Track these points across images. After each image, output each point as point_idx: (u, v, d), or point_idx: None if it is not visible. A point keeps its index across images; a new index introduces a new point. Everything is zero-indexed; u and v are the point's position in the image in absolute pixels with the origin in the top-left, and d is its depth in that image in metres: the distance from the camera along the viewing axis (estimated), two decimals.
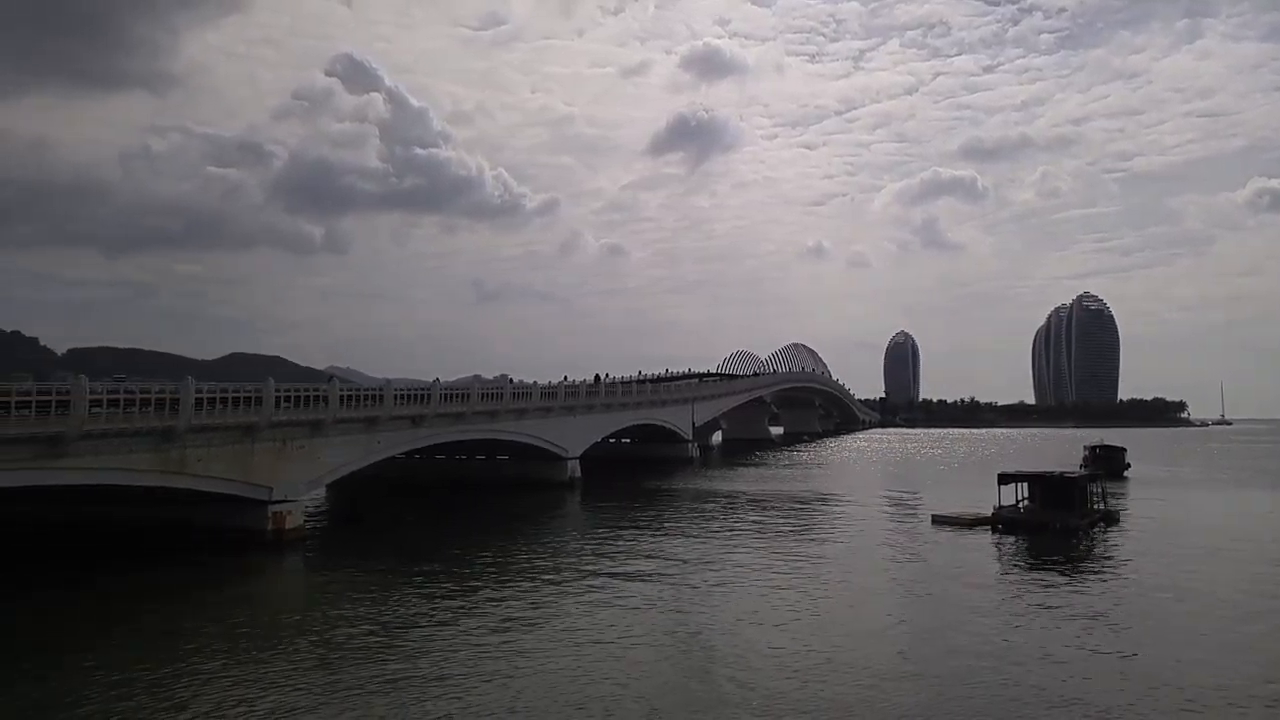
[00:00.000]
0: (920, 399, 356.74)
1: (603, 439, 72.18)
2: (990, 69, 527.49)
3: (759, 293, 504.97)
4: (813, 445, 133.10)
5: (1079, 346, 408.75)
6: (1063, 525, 39.06)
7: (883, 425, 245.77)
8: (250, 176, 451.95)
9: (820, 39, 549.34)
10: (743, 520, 45.54)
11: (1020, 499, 42.57)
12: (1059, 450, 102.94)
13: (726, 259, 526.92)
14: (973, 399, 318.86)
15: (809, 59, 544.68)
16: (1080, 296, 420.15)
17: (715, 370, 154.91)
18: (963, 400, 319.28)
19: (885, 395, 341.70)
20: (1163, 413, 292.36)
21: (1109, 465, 69.89)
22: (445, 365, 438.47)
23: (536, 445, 60.37)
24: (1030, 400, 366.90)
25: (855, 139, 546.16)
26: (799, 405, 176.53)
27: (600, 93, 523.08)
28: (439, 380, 52.32)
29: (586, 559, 33.87)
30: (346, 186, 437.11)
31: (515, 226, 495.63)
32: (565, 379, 71.08)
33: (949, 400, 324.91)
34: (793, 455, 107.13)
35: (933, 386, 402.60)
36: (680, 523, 44.58)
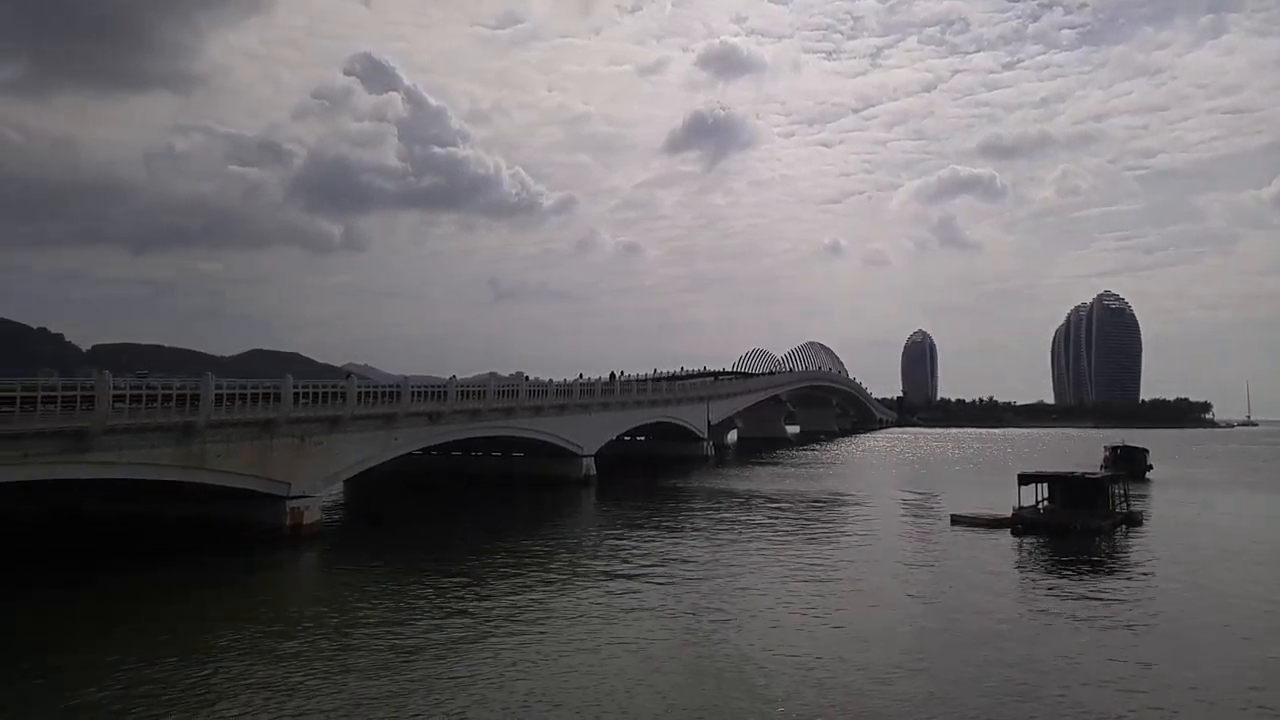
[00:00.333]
0: (938, 398, 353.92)
1: (618, 437, 72.16)
2: (1010, 66, 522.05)
3: (775, 291, 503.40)
4: (829, 444, 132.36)
5: (1099, 346, 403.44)
6: (1084, 527, 38.56)
7: (900, 424, 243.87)
8: (270, 175, 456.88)
9: (838, 36, 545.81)
10: (759, 520, 45.34)
11: (1040, 500, 42.09)
12: (1079, 451, 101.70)
13: (743, 257, 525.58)
14: (991, 398, 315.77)
15: (826, 56, 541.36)
16: (1101, 295, 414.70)
17: (731, 368, 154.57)
18: (981, 400, 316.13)
19: (903, 394, 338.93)
20: (1186, 414, 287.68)
21: (1130, 466, 68.87)
22: (462, 363, 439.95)
23: (552, 443, 60.46)
24: (1049, 400, 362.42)
25: (873, 137, 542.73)
26: (815, 404, 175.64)
27: (617, 91, 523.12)
28: (455, 378, 52.55)
29: (602, 556, 33.85)
30: (365, 185, 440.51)
31: (532, 225, 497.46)
32: (580, 377, 71.22)
33: (967, 400, 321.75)
34: (809, 454, 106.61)
35: (950, 386, 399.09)
36: (695, 521, 44.48)
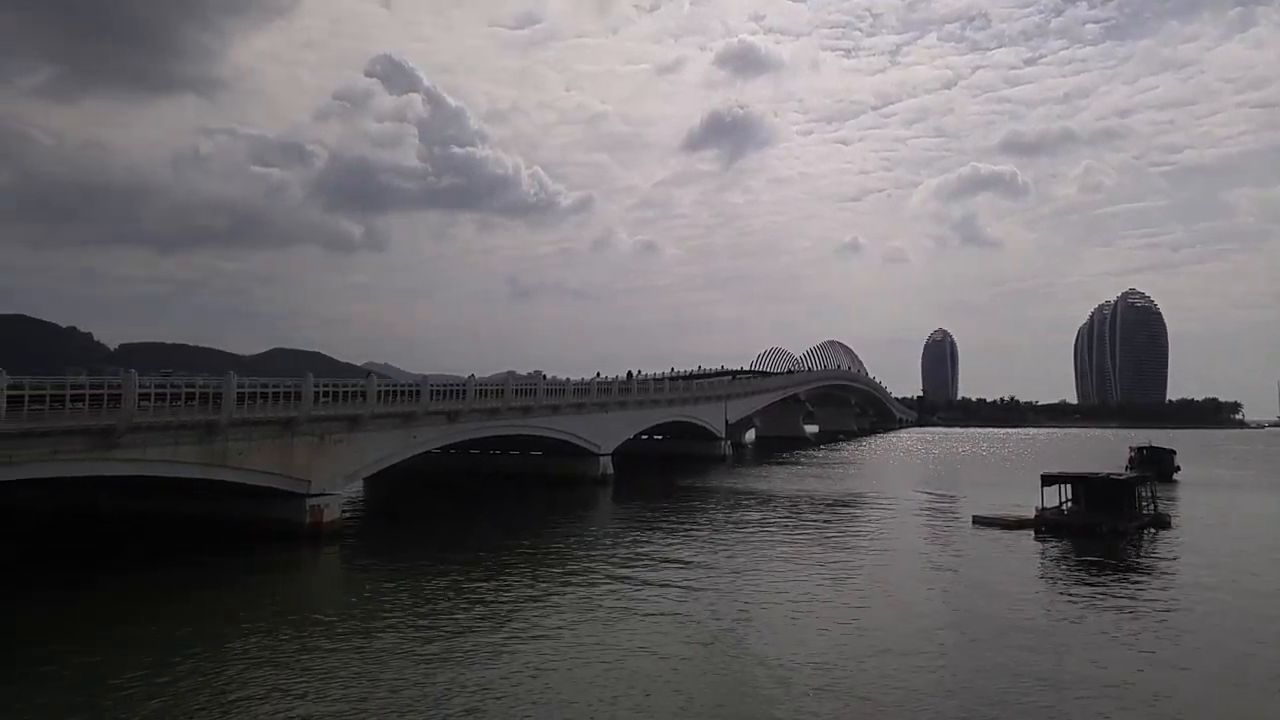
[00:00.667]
0: (959, 397, 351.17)
1: (635, 436, 72.09)
2: (1031, 61, 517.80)
3: (794, 289, 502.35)
4: (848, 444, 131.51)
5: (1124, 344, 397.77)
6: (1110, 528, 37.93)
7: (920, 424, 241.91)
8: (292, 176, 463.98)
9: (856, 34, 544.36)
10: (777, 520, 45.08)
11: (1064, 501, 41.47)
12: (1103, 451, 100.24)
13: (761, 255, 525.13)
14: (1012, 398, 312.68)
15: (844, 54, 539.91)
16: (1125, 293, 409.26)
17: (749, 367, 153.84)
18: (1002, 399, 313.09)
19: (923, 394, 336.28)
20: (1214, 414, 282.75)
21: (1157, 468, 67.62)
22: (480, 361, 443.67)
23: (569, 441, 60.51)
24: (1072, 400, 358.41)
25: (892, 134, 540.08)
26: (834, 403, 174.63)
27: (635, 90, 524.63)
28: (474, 376, 52.73)
29: (619, 556, 33.78)
30: (385, 185, 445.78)
31: (550, 224, 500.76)
32: (598, 375, 71.19)
33: (988, 399, 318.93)
34: (828, 454, 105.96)
35: (971, 385, 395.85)
36: (714, 521, 44.31)
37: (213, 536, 34.14)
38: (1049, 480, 41.61)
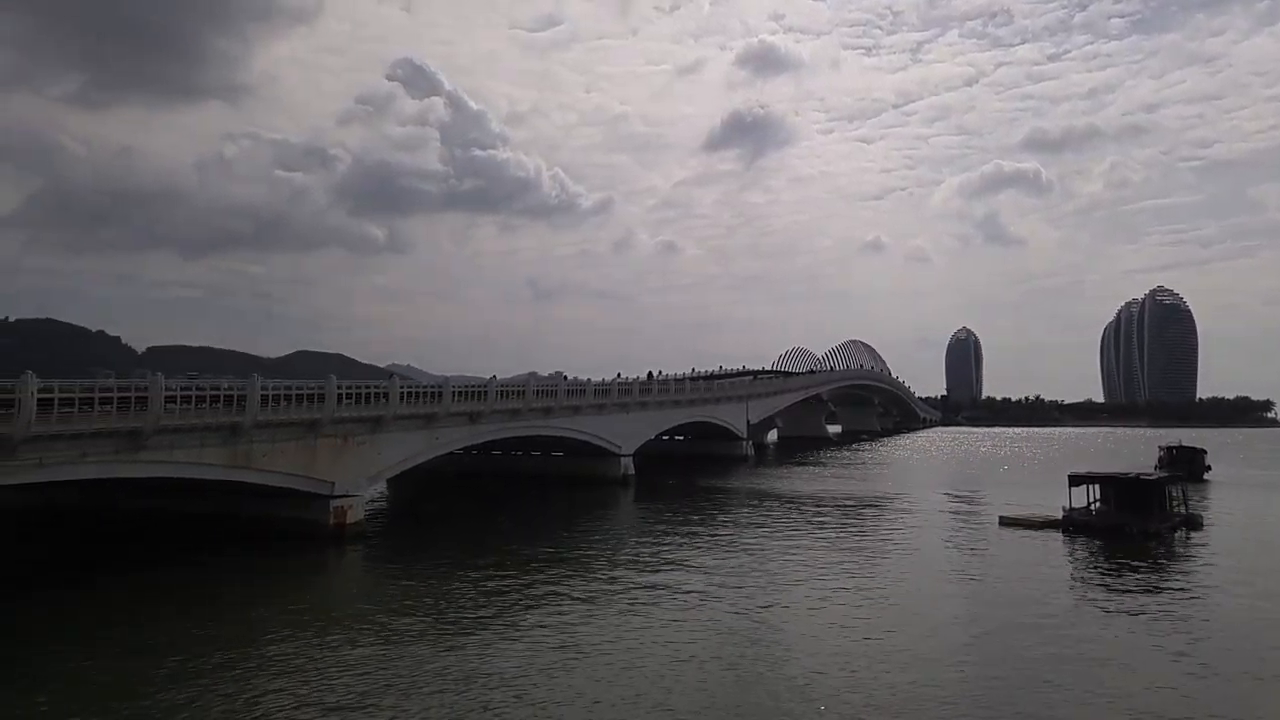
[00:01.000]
0: (983, 397, 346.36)
1: (656, 436, 71.98)
2: (1055, 57, 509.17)
3: (816, 289, 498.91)
4: (871, 444, 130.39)
5: (1152, 342, 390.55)
6: (1140, 529, 37.20)
7: (944, 424, 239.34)
8: (316, 180, 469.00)
9: (877, 32, 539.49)
10: (801, 520, 44.75)
11: (1092, 501, 40.76)
12: (1132, 451, 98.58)
13: (782, 255, 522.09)
14: (1038, 397, 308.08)
15: (865, 52, 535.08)
16: (1153, 290, 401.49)
17: (771, 367, 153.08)
18: (1027, 398, 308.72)
19: (947, 393, 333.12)
20: (1246, 412, 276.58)
21: (1188, 467, 66.37)
22: (501, 362, 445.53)
23: (590, 442, 60.53)
24: (1099, 399, 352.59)
25: (914, 132, 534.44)
26: (857, 403, 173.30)
27: (655, 91, 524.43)
28: (495, 378, 52.92)
29: (642, 556, 33.69)
30: (408, 188, 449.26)
31: (571, 225, 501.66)
32: (619, 376, 71.15)
33: (1013, 398, 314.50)
34: (851, 454, 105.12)
35: (996, 384, 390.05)
36: (736, 522, 44.08)
37: (237, 537, 34.48)
38: (1076, 480, 40.94)
